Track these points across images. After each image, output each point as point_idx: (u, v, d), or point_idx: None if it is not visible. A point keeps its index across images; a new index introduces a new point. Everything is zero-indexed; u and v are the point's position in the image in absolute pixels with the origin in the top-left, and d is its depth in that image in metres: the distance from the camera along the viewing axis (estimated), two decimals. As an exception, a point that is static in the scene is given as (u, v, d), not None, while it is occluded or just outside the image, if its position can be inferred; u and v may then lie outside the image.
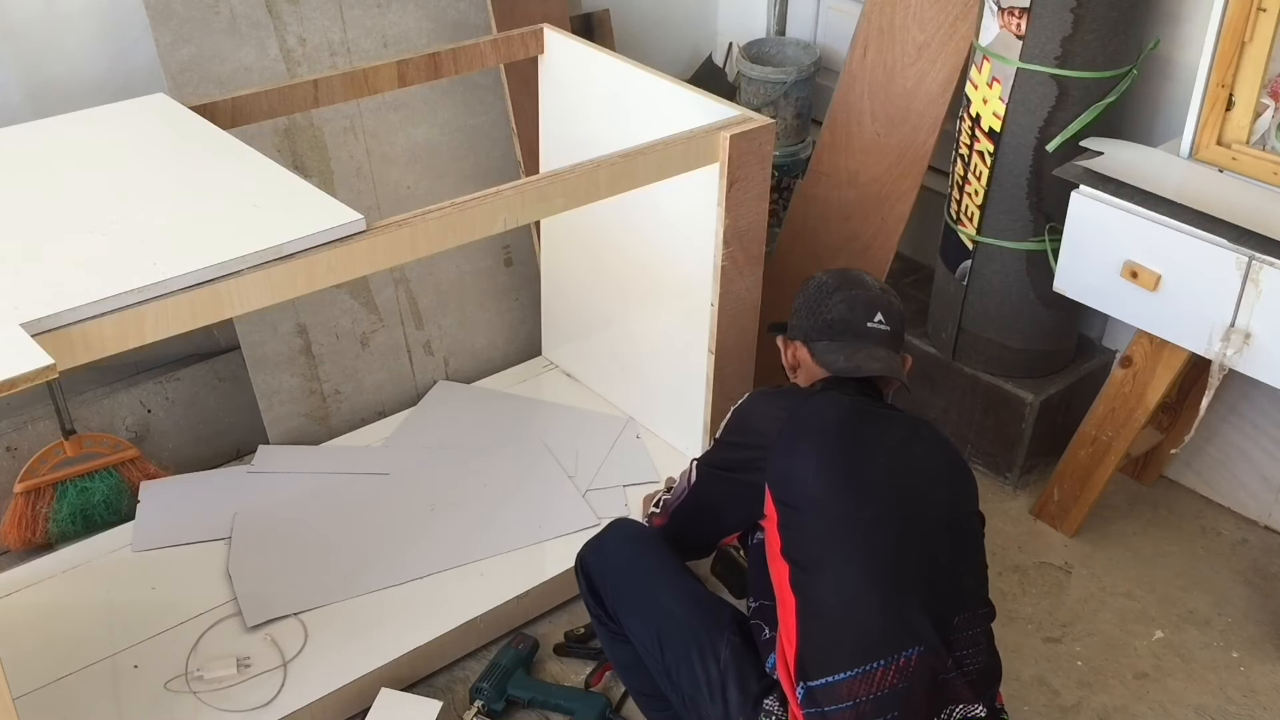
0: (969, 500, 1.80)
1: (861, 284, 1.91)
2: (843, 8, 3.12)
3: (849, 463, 1.71)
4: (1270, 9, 2.01)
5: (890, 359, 1.86)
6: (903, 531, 1.69)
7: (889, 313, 1.88)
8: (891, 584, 1.65)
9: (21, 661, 2.07)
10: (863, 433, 1.74)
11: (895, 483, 1.72)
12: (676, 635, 1.79)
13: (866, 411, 1.78)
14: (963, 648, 1.69)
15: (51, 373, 1.41)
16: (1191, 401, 2.50)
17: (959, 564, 1.74)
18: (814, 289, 1.93)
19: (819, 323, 1.88)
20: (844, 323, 1.86)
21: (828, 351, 1.86)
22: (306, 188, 1.84)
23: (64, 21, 2.41)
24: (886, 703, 1.61)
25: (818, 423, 1.74)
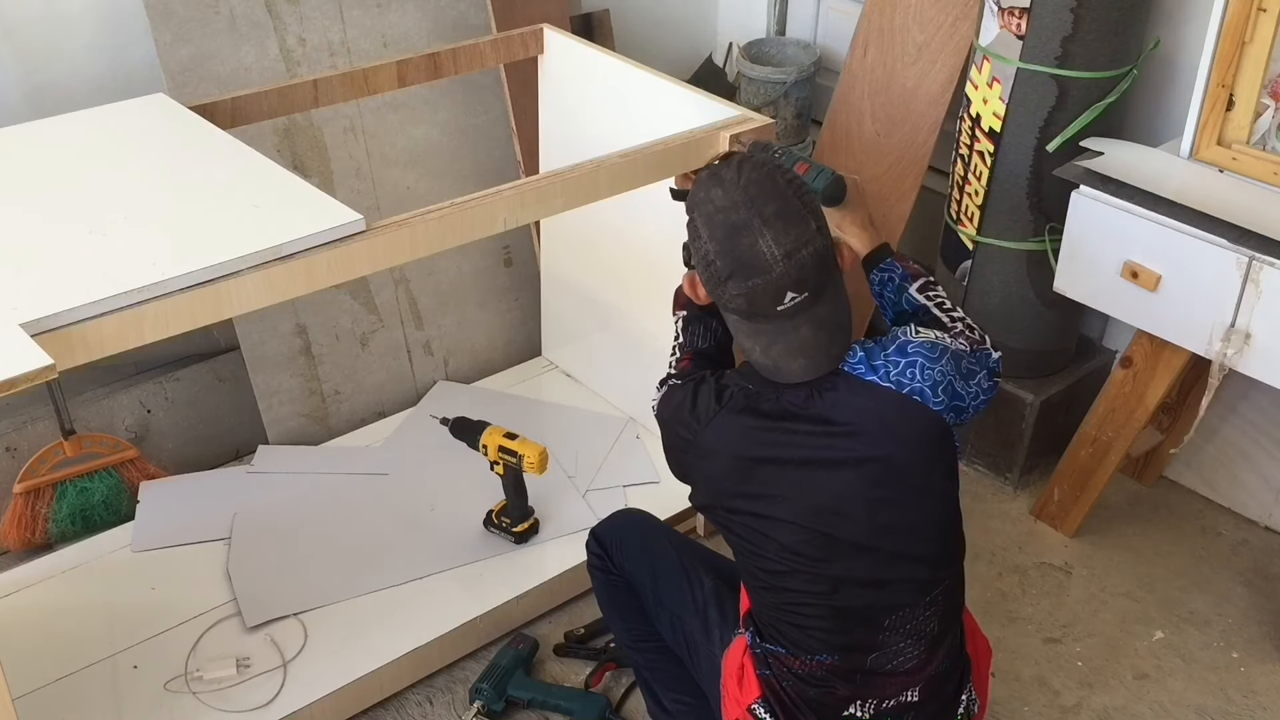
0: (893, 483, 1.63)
1: (757, 264, 1.55)
2: (843, 8, 3.12)
3: (751, 499, 1.64)
4: (1270, 9, 2.01)
5: (812, 343, 1.59)
6: (815, 558, 1.64)
7: (800, 281, 1.55)
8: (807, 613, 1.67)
9: (21, 661, 2.07)
10: (762, 459, 1.63)
11: (805, 507, 1.62)
12: (669, 568, 1.94)
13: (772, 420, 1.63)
14: (893, 644, 1.68)
15: (51, 373, 1.41)
16: (1191, 402, 2.50)
17: (890, 567, 1.66)
18: (703, 260, 1.61)
19: (721, 299, 1.62)
20: (749, 311, 1.59)
21: (740, 332, 1.65)
22: (306, 188, 1.84)
23: (64, 22, 2.41)
24: (807, 680, 1.71)
25: (717, 463, 1.66)
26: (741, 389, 1.67)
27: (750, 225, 1.55)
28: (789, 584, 1.67)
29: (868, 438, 1.61)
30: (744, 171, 1.60)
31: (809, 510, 1.62)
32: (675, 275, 1.91)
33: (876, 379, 1.63)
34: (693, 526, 2.51)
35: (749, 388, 1.66)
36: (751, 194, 1.57)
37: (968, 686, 1.79)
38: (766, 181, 1.59)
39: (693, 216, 1.63)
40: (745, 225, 1.56)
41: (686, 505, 2.44)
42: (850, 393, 1.62)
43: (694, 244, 1.64)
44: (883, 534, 1.63)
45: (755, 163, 1.62)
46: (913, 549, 1.66)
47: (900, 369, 1.64)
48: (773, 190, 1.58)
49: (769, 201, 1.56)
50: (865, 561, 1.64)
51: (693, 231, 1.64)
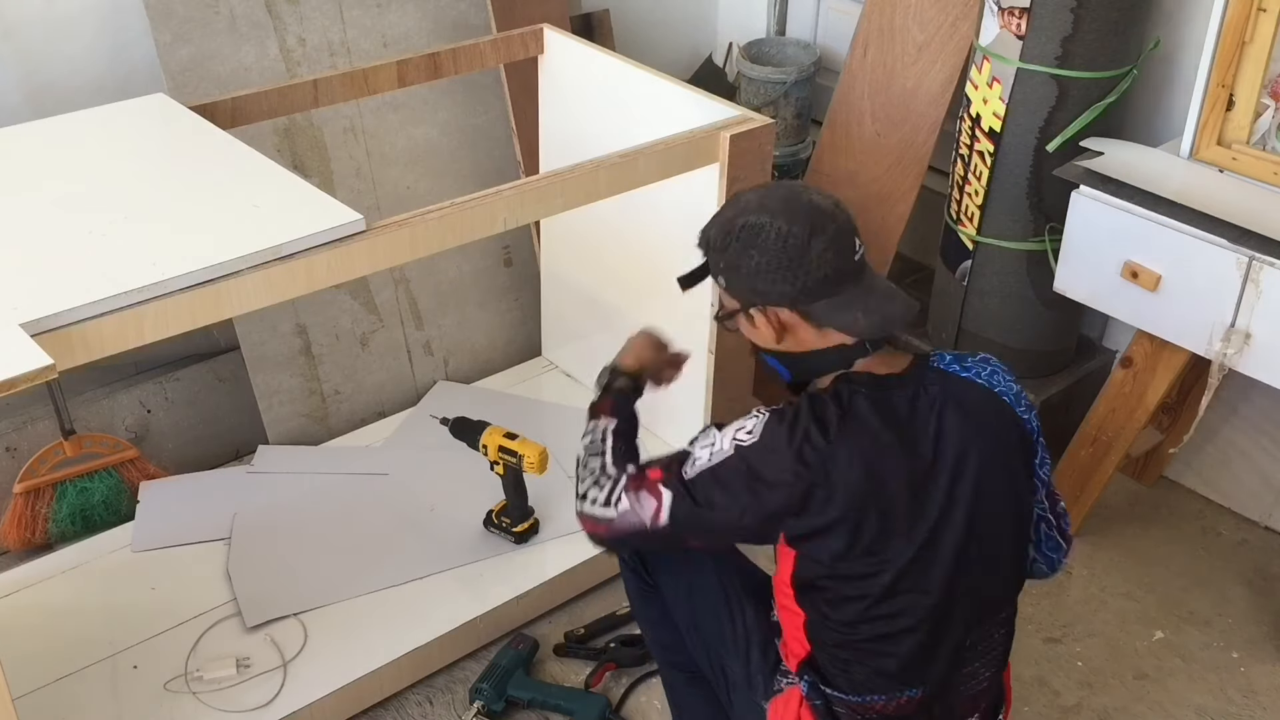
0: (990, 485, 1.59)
1: (823, 213, 1.56)
2: (843, 8, 3.12)
3: (878, 515, 1.54)
4: (1270, 9, 2.01)
5: (893, 291, 1.60)
6: (930, 569, 1.58)
7: (856, 229, 1.59)
8: (910, 630, 1.60)
9: (21, 661, 2.07)
10: (889, 469, 1.54)
11: (919, 517, 1.56)
12: (706, 588, 1.79)
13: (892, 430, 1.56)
14: (974, 661, 1.67)
15: (51, 373, 1.41)
16: (1191, 402, 2.50)
17: (990, 571, 1.63)
18: (777, 244, 1.55)
19: (809, 283, 1.55)
20: (837, 272, 1.55)
21: (836, 311, 1.57)
22: (306, 188, 1.84)
23: (64, 22, 2.41)
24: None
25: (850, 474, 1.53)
26: (855, 391, 1.58)
27: (795, 190, 1.60)
28: (890, 610, 1.58)
29: (971, 437, 1.59)
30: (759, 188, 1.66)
31: (923, 521, 1.56)
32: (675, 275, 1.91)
33: (970, 376, 1.64)
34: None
35: (862, 390, 1.58)
36: (781, 182, 1.65)
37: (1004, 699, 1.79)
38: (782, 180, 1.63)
39: (741, 223, 1.58)
40: (792, 192, 1.60)
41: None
42: (949, 388, 1.60)
43: (756, 245, 1.56)
44: (980, 543, 1.60)
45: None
46: (1000, 561, 1.65)
47: (989, 372, 1.66)
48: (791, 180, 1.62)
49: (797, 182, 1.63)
50: (966, 574, 1.60)
51: (748, 237, 1.57)
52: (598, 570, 2.39)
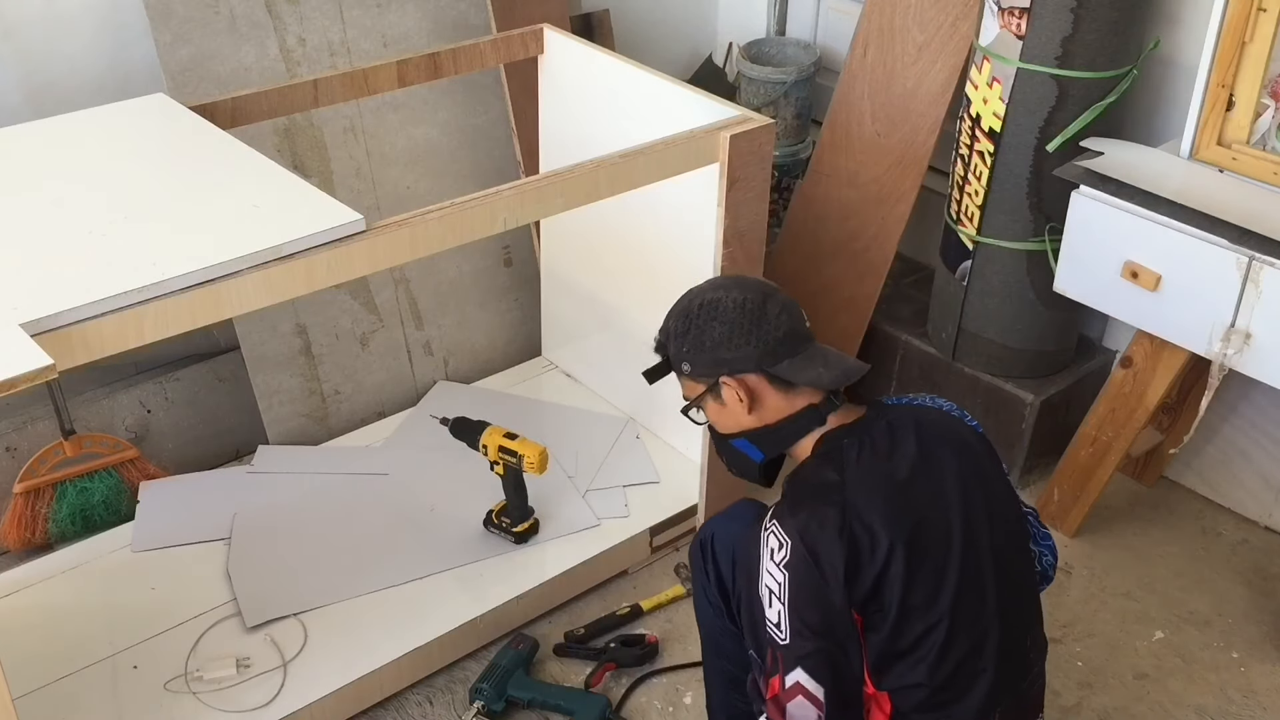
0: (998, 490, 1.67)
1: (767, 286, 1.70)
2: (843, 8, 3.12)
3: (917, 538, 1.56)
4: (1270, 9, 2.01)
5: (841, 353, 1.71)
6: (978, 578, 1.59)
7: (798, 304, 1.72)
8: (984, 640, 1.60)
9: (21, 661, 2.07)
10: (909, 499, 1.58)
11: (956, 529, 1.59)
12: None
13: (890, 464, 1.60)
14: (1036, 664, 1.71)
15: (51, 373, 1.41)
16: (1191, 402, 2.50)
17: (1021, 574, 1.68)
18: (735, 313, 1.64)
19: (769, 344, 1.63)
20: (793, 332, 1.65)
21: (800, 369, 1.64)
22: (306, 188, 1.84)
23: (64, 22, 2.41)
24: None
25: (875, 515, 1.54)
26: (839, 445, 1.62)
27: (743, 276, 1.76)
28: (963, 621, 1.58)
29: (949, 448, 1.65)
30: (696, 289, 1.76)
31: (958, 530, 1.59)
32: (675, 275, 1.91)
33: (919, 404, 1.76)
34: (693, 526, 2.50)
35: (844, 439, 1.63)
36: (712, 280, 1.76)
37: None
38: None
39: (698, 303, 1.69)
40: (738, 278, 1.76)
41: (688, 505, 2.47)
42: (911, 416, 1.68)
43: (716, 318, 1.65)
44: (1005, 536, 1.66)
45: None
46: (1023, 547, 1.71)
47: (931, 400, 1.78)
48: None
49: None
50: (1005, 566, 1.63)
51: (707, 313, 1.66)
52: (598, 570, 2.39)
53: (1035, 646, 1.71)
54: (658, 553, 2.47)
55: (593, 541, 2.39)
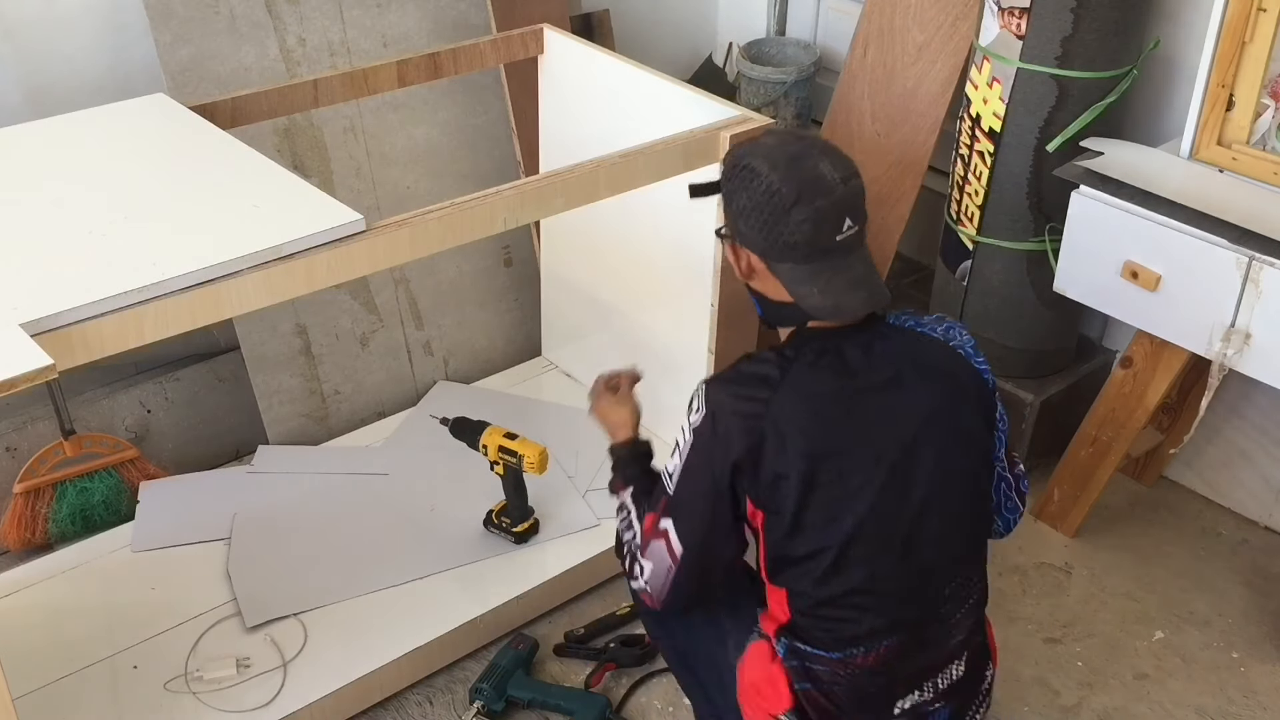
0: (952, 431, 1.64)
1: (821, 185, 1.57)
2: (843, 8, 3.12)
3: (831, 460, 1.59)
4: (1270, 9, 2.01)
5: (870, 278, 1.62)
6: (892, 520, 1.62)
7: (855, 208, 1.59)
8: (877, 580, 1.64)
9: (21, 661, 2.07)
10: (841, 429, 1.59)
11: (881, 463, 1.59)
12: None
13: (840, 391, 1.60)
14: (950, 614, 1.70)
15: (51, 373, 1.41)
16: (1191, 402, 2.50)
17: (955, 527, 1.67)
18: (764, 196, 1.58)
19: (779, 244, 1.59)
20: (810, 245, 1.58)
21: (796, 280, 1.60)
22: (306, 188, 1.84)
23: (64, 22, 2.41)
24: (861, 679, 1.68)
25: (793, 430, 1.57)
26: (807, 346, 1.64)
27: (810, 152, 1.60)
28: (863, 550, 1.61)
29: (928, 382, 1.64)
30: (781, 128, 1.68)
31: (885, 467, 1.60)
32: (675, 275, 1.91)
33: (924, 331, 1.69)
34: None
35: (813, 342, 1.64)
36: (799, 134, 1.65)
37: (990, 667, 1.82)
38: (809, 131, 1.66)
39: (745, 162, 1.62)
40: (805, 153, 1.59)
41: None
42: (904, 342, 1.66)
43: (749, 187, 1.60)
44: (946, 486, 1.64)
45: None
46: (968, 504, 1.69)
47: (945, 327, 1.71)
48: (815, 134, 1.66)
49: (818, 139, 1.64)
50: (934, 517, 1.64)
51: (745, 177, 1.61)
52: (598, 570, 2.39)
53: (956, 598, 1.70)
54: (658, 553, 2.47)
55: (593, 541, 2.39)
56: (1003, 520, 1.82)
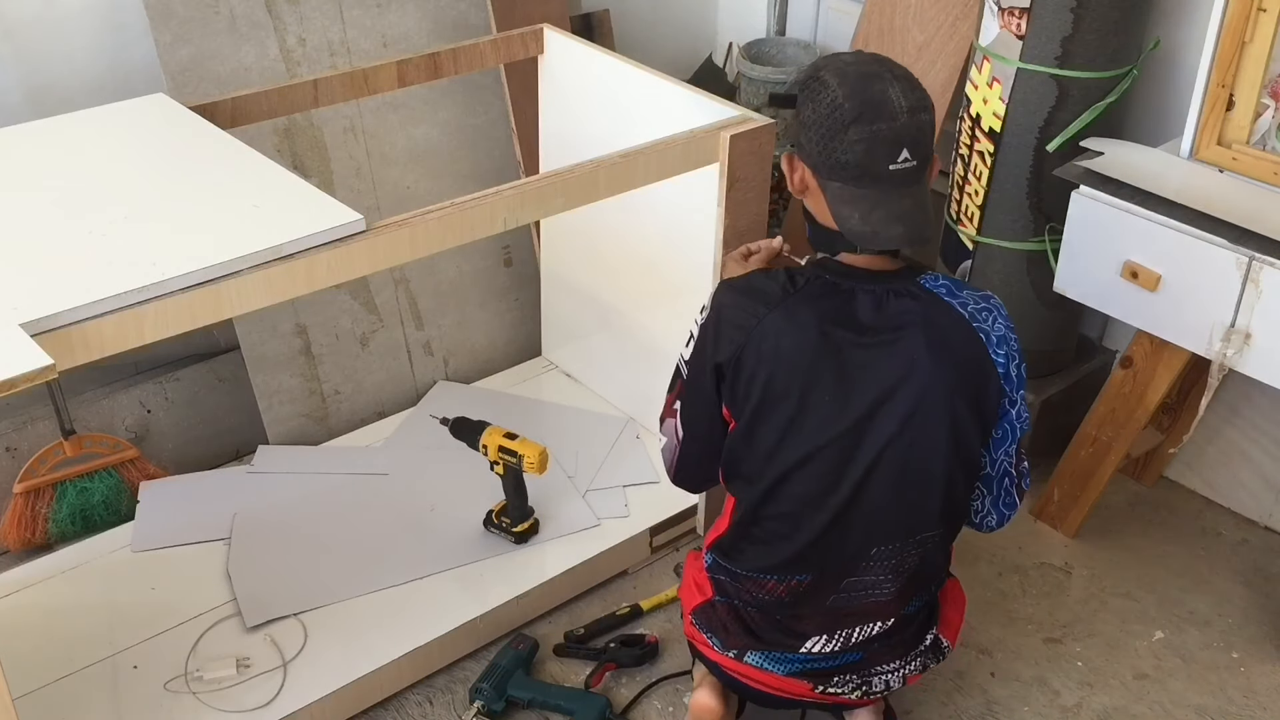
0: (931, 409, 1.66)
1: (885, 109, 1.57)
2: (843, 8, 3.12)
3: (795, 394, 1.66)
4: (1270, 9, 2.01)
5: (913, 215, 1.61)
6: (833, 474, 1.68)
7: (917, 141, 1.60)
8: (803, 520, 1.71)
9: (21, 661, 2.07)
10: (817, 366, 1.64)
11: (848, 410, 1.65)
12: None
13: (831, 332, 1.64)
14: (876, 576, 1.75)
15: (51, 373, 1.41)
16: (1191, 402, 2.50)
17: (910, 492, 1.70)
18: (827, 109, 1.60)
19: (831, 160, 1.60)
20: (860, 167, 1.59)
21: (841, 200, 1.62)
22: (306, 188, 1.84)
23: (64, 22, 2.41)
24: (770, 606, 1.80)
25: (770, 349, 1.65)
26: (818, 277, 1.68)
27: (882, 76, 1.62)
28: (799, 487, 1.69)
29: (927, 355, 1.64)
30: (868, 53, 1.69)
31: (850, 414, 1.64)
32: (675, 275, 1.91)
33: (954, 303, 1.69)
34: (692, 527, 2.51)
35: (825, 277, 1.68)
36: (881, 58, 1.66)
37: (934, 628, 1.88)
38: (890, 59, 1.67)
39: (818, 74, 1.65)
40: (878, 75, 1.61)
41: (687, 504, 2.46)
42: (922, 304, 1.67)
43: (815, 99, 1.62)
44: (904, 460, 1.67)
45: None
46: (923, 486, 1.71)
47: (979, 306, 1.71)
48: (899, 64, 1.66)
49: (897, 66, 1.64)
50: (880, 481, 1.68)
51: (815, 88, 1.63)
52: (598, 570, 2.39)
53: (886, 564, 1.74)
54: (658, 553, 2.47)
55: (593, 541, 2.39)
56: (997, 514, 1.83)
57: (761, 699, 1.94)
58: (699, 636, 1.91)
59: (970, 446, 1.72)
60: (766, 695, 1.91)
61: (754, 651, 1.84)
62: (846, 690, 1.84)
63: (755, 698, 1.95)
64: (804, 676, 1.84)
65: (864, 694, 1.86)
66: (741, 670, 1.87)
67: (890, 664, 1.84)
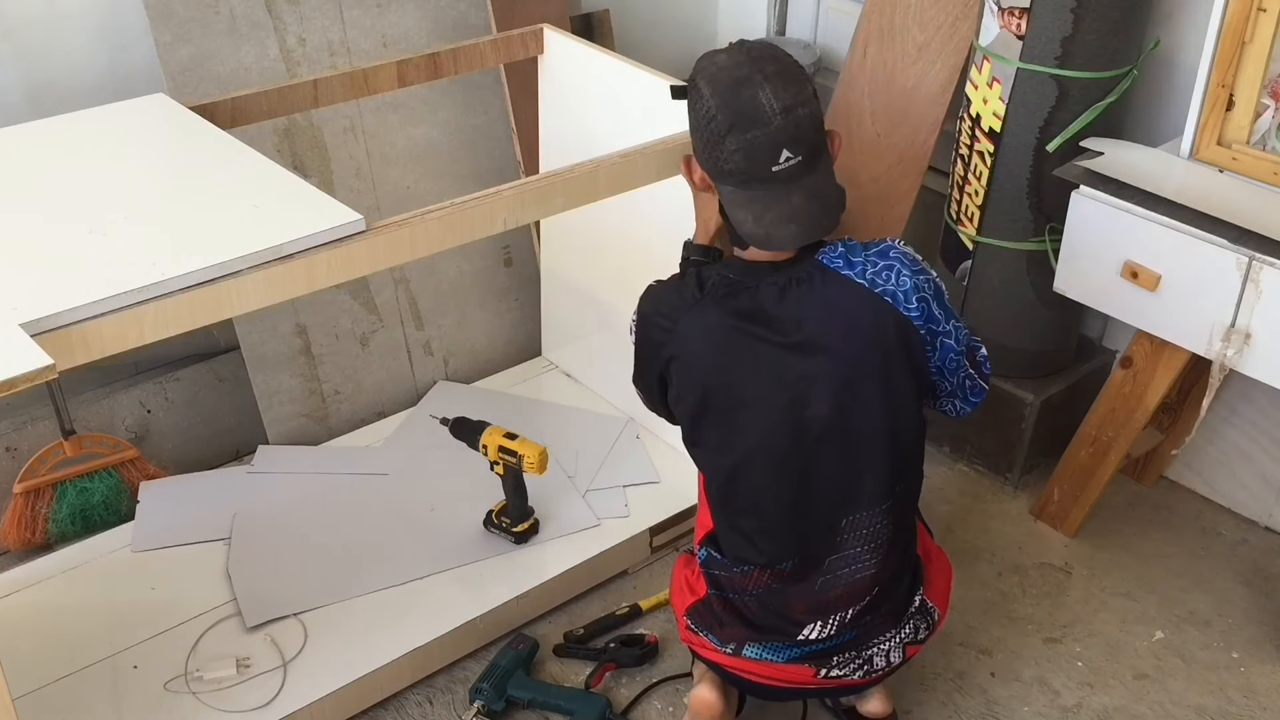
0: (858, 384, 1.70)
1: (756, 115, 1.59)
2: (843, 8, 3.12)
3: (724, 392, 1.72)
4: (1270, 9, 2.01)
5: (806, 210, 1.64)
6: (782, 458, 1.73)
7: (796, 139, 1.60)
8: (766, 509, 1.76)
9: (21, 661, 2.07)
10: (735, 364, 1.70)
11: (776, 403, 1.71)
12: None
13: (743, 328, 1.69)
14: (850, 547, 1.78)
15: (51, 373, 1.41)
16: (1192, 402, 2.50)
17: (851, 466, 1.74)
18: (704, 119, 1.64)
19: (717, 167, 1.65)
20: (745, 173, 1.62)
21: (734, 203, 1.66)
22: (306, 188, 1.84)
23: (64, 22, 2.41)
24: (761, 596, 1.82)
25: (689, 353, 1.72)
26: (722, 278, 1.73)
27: (752, 80, 1.62)
28: (755, 480, 1.74)
29: (837, 336, 1.69)
30: (747, 42, 1.69)
31: (779, 403, 1.70)
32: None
33: (852, 274, 1.70)
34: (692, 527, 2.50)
35: (729, 276, 1.72)
36: (754, 55, 1.65)
37: (919, 591, 1.89)
38: (768, 48, 1.66)
39: (695, 81, 1.68)
40: (747, 80, 1.62)
41: (688, 505, 2.46)
42: (824, 286, 1.70)
43: (695, 108, 1.68)
44: (847, 433, 1.71)
45: (758, 40, 1.73)
46: (870, 451, 1.74)
47: (878, 269, 1.71)
48: (774, 54, 1.65)
49: (770, 62, 1.64)
50: (826, 459, 1.72)
51: (693, 95, 1.68)
52: (597, 570, 2.39)
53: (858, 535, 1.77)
54: (658, 553, 2.47)
55: (593, 541, 2.39)
56: (968, 404, 1.86)
57: (765, 692, 1.95)
58: (696, 639, 1.92)
59: (908, 404, 1.76)
60: (770, 688, 1.92)
61: (752, 644, 1.84)
62: (848, 671, 1.85)
63: (758, 692, 1.96)
64: (804, 661, 1.84)
65: (866, 673, 1.86)
66: (742, 666, 1.87)
67: (884, 635, 1.85)
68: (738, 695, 2.01)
